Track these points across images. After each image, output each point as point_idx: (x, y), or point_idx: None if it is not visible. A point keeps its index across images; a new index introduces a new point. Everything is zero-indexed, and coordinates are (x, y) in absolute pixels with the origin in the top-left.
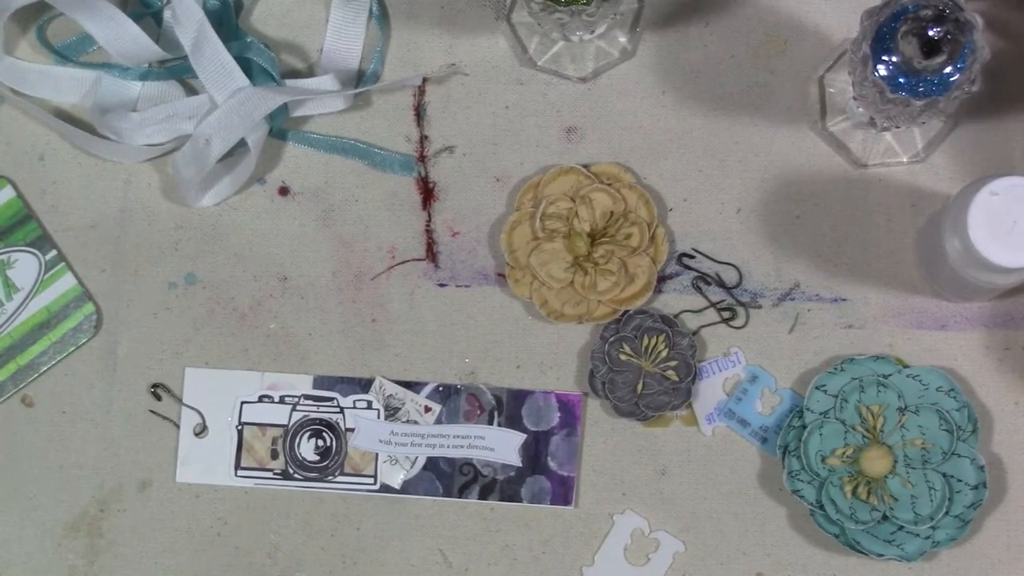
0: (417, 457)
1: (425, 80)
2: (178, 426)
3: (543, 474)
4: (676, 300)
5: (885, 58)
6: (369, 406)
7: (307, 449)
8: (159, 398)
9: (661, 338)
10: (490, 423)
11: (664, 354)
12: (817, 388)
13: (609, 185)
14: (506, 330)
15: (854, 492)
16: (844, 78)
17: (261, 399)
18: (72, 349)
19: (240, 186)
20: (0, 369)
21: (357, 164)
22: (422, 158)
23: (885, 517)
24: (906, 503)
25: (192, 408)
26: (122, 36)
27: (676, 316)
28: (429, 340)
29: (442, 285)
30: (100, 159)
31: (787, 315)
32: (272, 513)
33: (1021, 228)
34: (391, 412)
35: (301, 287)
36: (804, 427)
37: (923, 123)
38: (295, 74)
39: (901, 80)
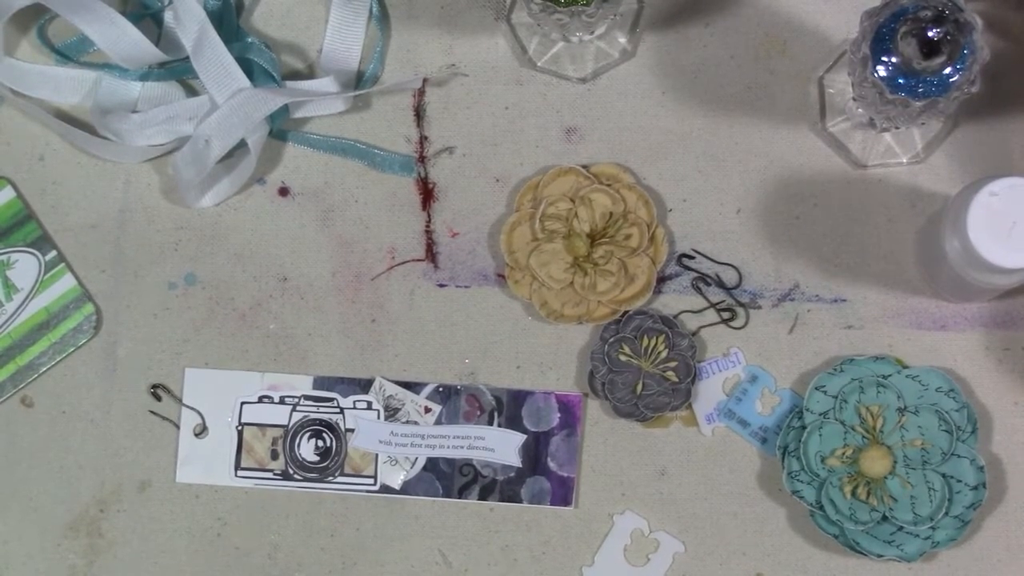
0: (417, 458)
1: (425, 81)
2: (178, 426)
3: (543, 475)
4: (676, 301)
5: (885, 59)
6: (369, 406)
7: (307, 449)
8: (159, 398)
9: (661, 339)
10: (490, 424)
11: (664, 355)
12: (817, 389)
13: (609, 186)
14: (506, 330)
15: (854, 493)
16: (844, 79)
17: (261, 399)
18: (72, 350)
19: (240, 186)
20: (0, 369)
21: (357, 165)
22: (422, 159)
23: (885, 518)
24: (906, 504)
25: (192, 408)
26: (122, 40)
27: (676, 317)
28: (429, 340)
29: (442, 285)
30: (100, 159)
31: (787, 315)
32: (272, 513)
33: (1021, 228)
34: (391, 413)
35: (301, 287)
36: (804, 428)
37: (923, 124)
38: (295, 74)
39: (901, 81)
